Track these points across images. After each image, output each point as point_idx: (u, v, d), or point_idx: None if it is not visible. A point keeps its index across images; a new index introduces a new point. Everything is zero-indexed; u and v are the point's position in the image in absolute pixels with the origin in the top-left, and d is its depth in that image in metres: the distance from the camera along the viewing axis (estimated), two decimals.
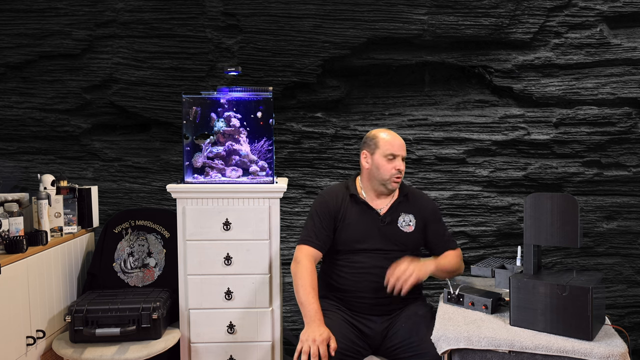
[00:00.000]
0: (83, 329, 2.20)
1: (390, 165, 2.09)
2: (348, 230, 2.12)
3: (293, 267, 2.07)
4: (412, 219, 2.15)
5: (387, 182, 2.11)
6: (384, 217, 2.12)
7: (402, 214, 2.15)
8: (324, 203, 2.16)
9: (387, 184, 2.11)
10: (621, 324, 2.87)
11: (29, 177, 2.91)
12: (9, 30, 2.80)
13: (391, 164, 2.09)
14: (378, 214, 2.13)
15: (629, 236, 2.90)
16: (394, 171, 2.09)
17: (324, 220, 2.12)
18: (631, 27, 2.82)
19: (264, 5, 2.77)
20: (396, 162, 2.09)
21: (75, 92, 2.86)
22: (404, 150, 2.13)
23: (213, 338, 2.37)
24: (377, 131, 2.17)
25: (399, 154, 2.10)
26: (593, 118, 2.81)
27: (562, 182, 2.87)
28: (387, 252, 2.08)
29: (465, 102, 2.93)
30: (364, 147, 2.16)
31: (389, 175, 2.09)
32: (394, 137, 2.13)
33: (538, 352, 1.56)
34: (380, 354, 2.06)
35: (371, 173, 2.13)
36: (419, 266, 1.99)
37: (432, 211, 2.20)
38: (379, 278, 2.06)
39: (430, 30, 2.78)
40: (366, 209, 2.14)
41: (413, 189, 2.29)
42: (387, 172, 2.09)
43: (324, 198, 2.18)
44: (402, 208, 2.16)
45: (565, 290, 1.61)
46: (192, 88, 2.81)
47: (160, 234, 2.59)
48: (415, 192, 2.26)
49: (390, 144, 2.10)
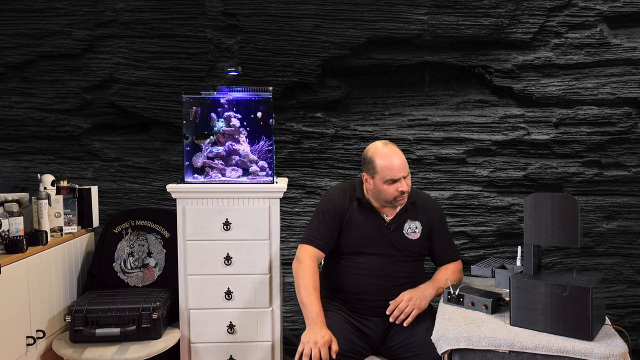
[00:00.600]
0: (83, 329, 2.20)
1: (392, 188, 2.01)
2: (353, 234, 2.10)
3: (295, 267, 2.06)
4: (418, 225, 2.12)
5: (392, 202, 2.05)
6: (389, 224, 2.10)
7: (408, 220, 2.12)
8: (331, 202, 2.12)
9: (393, 203, 2.06)
10: (621, 324, 2.87)
11: (29, 177, 2.91)
12: (9, 30, 2.80)
13: (393, 186, 2.01)
14: (384, 221, 2.10)
15: (629, 236, 2.90)
16: (397, 193, 2.01)
17: (330, 221, 2.09)
18: (631, 27, 2.82)
19: (264, 5, 2.77)
20: (398, 184, 2.00)
21: (75, 92, 2.86)
22: (405, 170, 2.02)
23: (213, 338, 2.37)
24: (374, 152, 2.04)
25: (399, 177, 2.00)
26: (593, 118, 2.81)
27: (562, 182, 2.87)
28: (392, 257, 2.08)
29: (465, 102, 2.93)
30: (364, 168, 2.08)
31: (393, 197, 2.03)
32: (392, 160, 2.00)
33: (538, 352, 1.56)
34: (380, 354, 2.07)
35: (375, 194, 2.07)
36: (419, 297, 1.99)
37: (438, 219, 2.17)
38: (381, 280, 2.06)
39: (430, 30, 2.78)
40: (372, 214, 2.11)
41: (422, 194, 2.23)
42: (390, 195, 2.02)
43: (331, 197, 2.14)
44: (408, 215, 2.13)
45: (565, 290, 1.61)
46: (192, 88, 2.81)
47: (160, 234, 2.59)
48: (424, 198, 2.20)
49: (388, 169, 1.99)
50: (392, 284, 2.07)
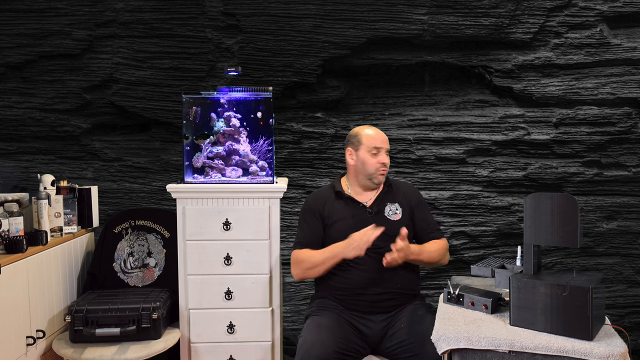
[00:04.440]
0: (83, 329, 2.20)
1: (374, 160, 2.17)
2: (336, 226, 2.16)
3: (294, 265, 2.13)
4: (397, 207, 2.21)
5: (373, 176, 2.19)
6: (370, 209, 2.19)
7: (387, 204, 2.22)
8: (308, 207, 2.25)
9: (373, 178, 2.19)
10: (621, 324, 2.87)
11: (29, 177, 2.91)
12: (9, 30, 2.80)
13: (375, 158, 2.18)
14: (365, 207, 2.19)
15: (629, 236, 2.90)
16: (378, 165, 2.17)
17: (310, 222, 2.20)
18: (631, 27, 2.82)
19: (264, 5, 2.77)
20: (380, 156, 2.18)
21: (75, 92, 2.86)
22: (387, 144, 2.23)
23: (213, 338, 2.37)
24: (360, 128, 2.26)
25: (382, 146, 2.19)
26: (593, 118, 2.81)
27: (562, 182, 2.87)
28: (380, 248, 2.07)
29: (465, 102, 2.93)
30: (348, 144, 2.25)
31: (374, 169, 2.18)
32: (377, 132, 2.23)
33: (538, 352, 1.56)
34: (379, 354, 2.07)
35: (357, 169, 2.21)
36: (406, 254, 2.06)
37: (417, 198, 2.28)
38: (374, 274, 2.07)
39: (430, 30, 2.78)
40: (352, 204, 2.21)
41: (397, 180, 2.40)
42: (372, 166, 2.17)
43: (308, 202, 2.28)
44: (387, 198, 2.23)
45: (565, 290, 1.61)
46: (192, 88, 2.81)
47: (160, 234, 2.59)
48: (399, 182, 2.37)
49: (373, 138, 2.19)
50: (384, 276, 2.09)
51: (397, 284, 2.11)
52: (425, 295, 2.93)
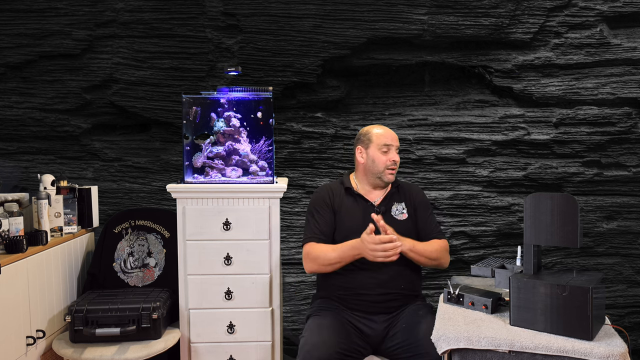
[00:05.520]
0: (83, 329, 2.20)
1: (385, 157, 2.18)
2: (344, 222, 2.16)
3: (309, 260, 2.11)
4: (404, 206, 2.23)
5: (383, 174, 2.19)
6: (378, 208, 2.19)
7: (395, 203, 2.22)
8: (320, 197, 2.23)
9: (382, 176, 2.19)
10: (621, 324, 2.87)
11: (29, 177, 2.91)
12: (9, 30, 2.80)
13: (386, 156, 2.18)
14: (373, 205, 2.19)
15: (629, 236, 2.90)
16: (389, 162, 2.18)
17: (323, 213, 2.18)
18: (631, 27, 2.82)
19: (264, 5, 2.77)
20: (390, 153, 2.19)
21: (75, 92, 2.86)
22: (397, 141, 2.23)
23: (213, 338, 2.37)
24: (370, 127, 2.28)
25: (392, 143, 2.20)
26: (593, 118, 2.81)
27: (562, 182, 2.87)
28: None
29: (465, 102, 2.93)
30: (358, 143, 2.26)
31: (384, 166, 2.18)
32: (387, 130, 2.24)
33: (538, 352, 1.56)
34: (380, 354, 2.06)
35: (367, 167, 2.21)
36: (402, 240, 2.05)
37: (421, 199, 2.28)
38: (378, 273, 2.07)
39: (430, 30, 2.78)
40: (361, 201, 2.21)
41: (404, 181, 2.40)
42: (382, 163, 2.18)
43: (319, 193, 2.26)
44: (395, 198, 2.24)
45: (565, 290, 1.61)
46: (192, 88, 2.81)
47: (160, 234, 2.59)
48: (406, 183, 2.37)
49: (383, 136, 2.21)
50: (388, 276, 2.08)
51: (400, 284, 2.10)
52: (426, 295, 2.93)
